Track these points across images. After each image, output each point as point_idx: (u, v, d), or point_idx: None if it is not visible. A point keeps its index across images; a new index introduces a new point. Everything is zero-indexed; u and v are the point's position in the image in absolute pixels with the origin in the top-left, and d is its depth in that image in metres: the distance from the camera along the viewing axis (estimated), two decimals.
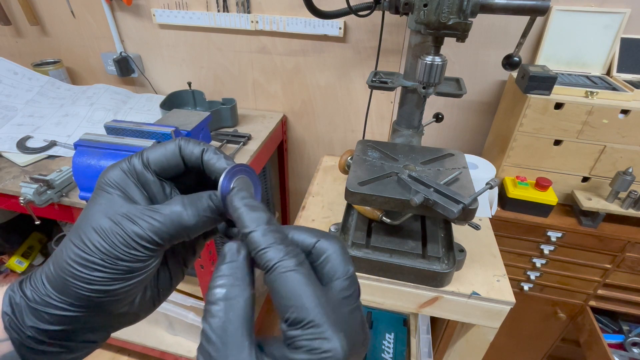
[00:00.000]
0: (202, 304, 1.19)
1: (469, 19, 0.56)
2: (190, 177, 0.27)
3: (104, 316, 0.23)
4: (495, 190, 0.97)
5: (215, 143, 1.07)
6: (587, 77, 0.96)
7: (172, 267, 0.27)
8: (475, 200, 0.57)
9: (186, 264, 0.28)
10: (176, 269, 0.27)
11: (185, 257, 0.28)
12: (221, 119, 1.15)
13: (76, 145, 0.75)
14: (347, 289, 0.21)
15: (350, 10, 0.80)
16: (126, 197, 0.23)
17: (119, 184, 0.23)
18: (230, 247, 0.22)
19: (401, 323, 1.33)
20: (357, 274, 0.23)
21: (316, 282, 0.20)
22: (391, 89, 0.76)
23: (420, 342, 1.16)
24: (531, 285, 1.11)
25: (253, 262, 0.22)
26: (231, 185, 0.23)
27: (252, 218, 0.21)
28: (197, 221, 0.23)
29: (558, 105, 0.88)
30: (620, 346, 1.11)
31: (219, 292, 0.19)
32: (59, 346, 0.22)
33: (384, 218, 0.72)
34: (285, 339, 0.19)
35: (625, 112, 0.85)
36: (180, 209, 0.23)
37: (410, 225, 0.74)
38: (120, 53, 1.30)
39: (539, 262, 1.05)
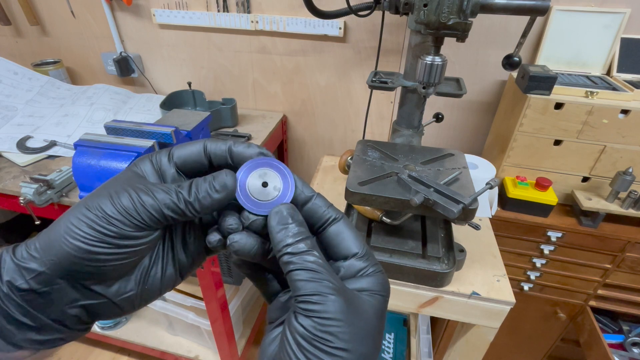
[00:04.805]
0: (202, 303, 1.19)
1: (469, 19, 0.56)
2: None
3: (78, 289, 0.23)
4: (495, 190, 0.97)
5: None
6: (587, 77, 0.96)
7: (166, 272, 0.27)
8: (475, 200, 0.57)
9: (182, 273, 0.28)
10: (170, 276, 0.27)
11: (182, 265, 0.28)
12: (221, 119, 1.15)
13: (76, 145, 0.75)
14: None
15: (350, 10, 0.80)
16: (145, 178, 0.26)
17: (145, 170, 0.26)
18: (288, 209, 0.25)
19: (401, 323, 1.33)
20: None
21: None
22: (391, 89, 0.76)
23: (420, 342, 1.16)
24: (531, 285, 1.11)
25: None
26: (249, 174, 0.26)
27: (307, 186, 0.27)
28: (194, 199, 0.24)
29: (558, 105, 0.88)
30: (620, 346, 1.11)
31: (301, 244, 0.23)
32: (27, 315, 0.22)
33: (384, 218, 0.72)
34: (357, 271, 0.24)
35: (625, 112, 0.85)
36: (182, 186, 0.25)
37: (410, 225, 0.74)
38: (120, 53, 1.30)
39: (539, 262, 1.05)
